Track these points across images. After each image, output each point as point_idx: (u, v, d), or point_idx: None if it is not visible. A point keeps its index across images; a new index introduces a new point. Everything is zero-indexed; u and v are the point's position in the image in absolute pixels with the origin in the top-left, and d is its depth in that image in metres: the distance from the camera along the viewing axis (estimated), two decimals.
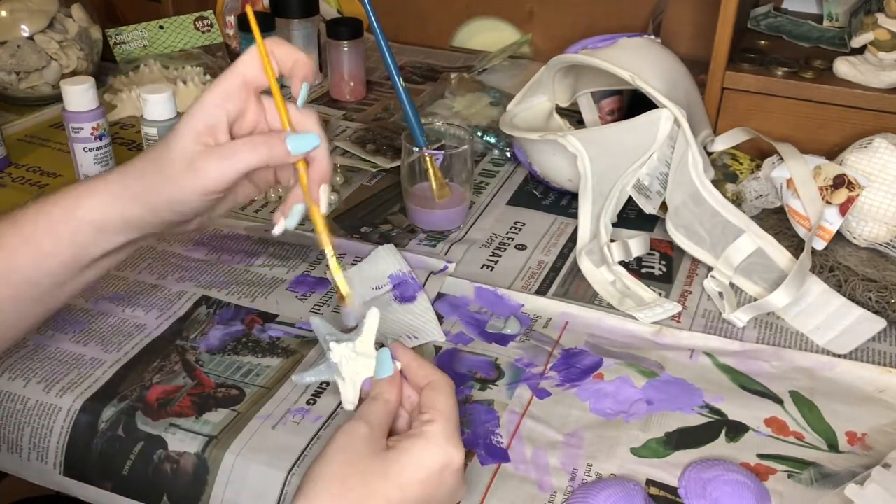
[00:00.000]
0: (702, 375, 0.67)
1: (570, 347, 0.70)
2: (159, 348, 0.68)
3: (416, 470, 0.48)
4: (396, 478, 0.48)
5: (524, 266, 0.81)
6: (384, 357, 0.55)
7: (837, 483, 0.57)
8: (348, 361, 0.56)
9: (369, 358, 0.56)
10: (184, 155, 0.56)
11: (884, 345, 0.71)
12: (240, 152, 0.56)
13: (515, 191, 0.94)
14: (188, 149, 0.56)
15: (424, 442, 0.49)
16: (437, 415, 0.51)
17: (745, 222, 0.77)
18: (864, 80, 0.89)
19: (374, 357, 0.56)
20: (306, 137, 0.58)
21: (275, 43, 0.58)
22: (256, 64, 0.57)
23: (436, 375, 0.54)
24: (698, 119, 0.87)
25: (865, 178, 0.75)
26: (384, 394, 0.54)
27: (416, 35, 1.38)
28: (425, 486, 0.48)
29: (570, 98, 0.94)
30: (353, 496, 0.47)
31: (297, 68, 0.59)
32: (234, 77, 0.57)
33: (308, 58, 0.59)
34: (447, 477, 0.49)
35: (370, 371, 0.56)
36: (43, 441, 0.62)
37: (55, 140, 1.03)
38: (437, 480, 0.49)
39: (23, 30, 1.07)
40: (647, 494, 0.55)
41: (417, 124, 0.84)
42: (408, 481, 0.48)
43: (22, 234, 0.56)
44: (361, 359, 0.56)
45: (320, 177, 0.59)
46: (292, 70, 0.59)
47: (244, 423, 0.61)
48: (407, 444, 0.49)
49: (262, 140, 0.57)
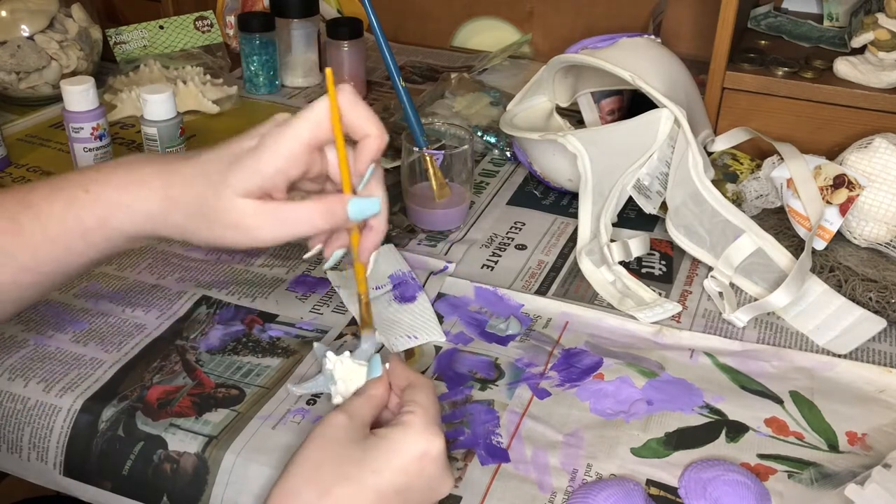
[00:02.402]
0: (702, 375, 0.67)
1: (571, 347, 0.70)
2: (159, 348, 0.68)
3: (393, 456, 0.49)
4: (372, 463, 0.48)
5: (524, 266, 0.80)
6: (375, 362, 0.56)
7: (837, 483, 0.57)
8: (342, 365, 0.57)
9: (362, 366, 0.57)
10: (233, 213, 0.52)
11: (884, 345, 0.71)
12: (297, 219, 0.53)
13: (515, 191, 0.94)
14: (238, 207, 0.52)
15: (402, 430, 0.50)
16: (416, 406, 0.51)
17: (745, 222, 0.77)
18: (865, 80, 0.89)
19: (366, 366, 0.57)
20: (368, 203, 0.54)
21: (349, 102, 0.53)
22: (325, 123, 0.53)
23: (415, 377, 0.54)
24: (698, 119, 0.87)
25: (865, 178, 0.75)
26: (369, 389, 0.54)
27: (416, 35, 1.38)
28: (403, 473, 0.48)
29: (570, 98, 0.94)
30: (326, 479, 0.47)
31: (368, 142, 0.54)
32: (300, 141, 0.52)
33: (382, 132, 0.54)
34: (426, 464, 0.49)
35: (363, 379, 0.56)
36: (43, 441, 0.62)
37: (55, 140, 1.03)
38: (416, 468, 0.49)
39: (23, 30, 1.07)
40: (647, 494, 0.55)
41: (417, 124, 0.84)
42: (384, 467, 0.48)
43: (47, 233, 0.54)
44: (355, 366, 0.57)
45: (373, 244, 0.57)
46: (362, 143, 0.54)
47: (244, 423, 0.61)
48: (386, 432, 0.50)
49: (323, 208, 0.53)
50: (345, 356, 0.58)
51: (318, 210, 0.53)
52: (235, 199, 0.52)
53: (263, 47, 1.14)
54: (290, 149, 0.52)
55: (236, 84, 1.14)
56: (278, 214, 0.53)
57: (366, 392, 0.54)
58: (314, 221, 0.54)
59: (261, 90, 1.17)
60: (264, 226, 0.53)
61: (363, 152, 0.54)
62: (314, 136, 0.53)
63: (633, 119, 0.80)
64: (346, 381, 0.57)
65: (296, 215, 0.53)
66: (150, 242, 0.57)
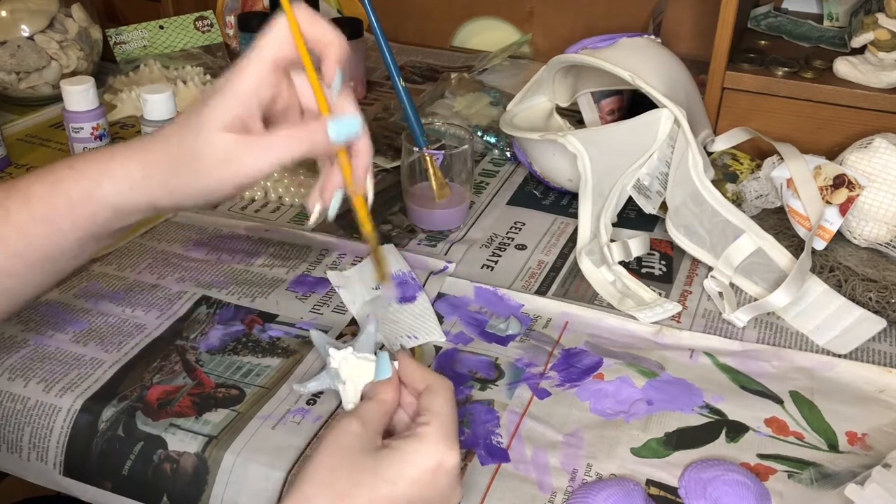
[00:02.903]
0: (702, 375, 0.67)
1: (571, 347, 0.70)
2: (159, 348, 0.68)
3: (408, 468, 0.48)
4: (385, 472, 0.48)
5: (524, 266, 0.80)
6: (383, 360, 0.55)
7: (837, 483, 0.57)
8: (347, 364, 0.56)
9: (369, 362, 0.56)
10: (215, 147, 0.52)
11: (884, 345, 0.71)
12: (279, 145, 0.53)
13: (515, 191, 0.94)
14: (220, 141, 0.52)
15: (417, 441, 0.49)
16: (433, 416, 0.50)
17: (745, 222, 0.77)
18: (865, 80, 0.89)
19: (374, 361, 0.56)
20: (347, 121, 0.54)
21: (306, 18, 0.53)
22: (286, 42, 0.53)
23: (433, 379, 0.53)
24: (698, 119, 0.87)
25: (865, 178, 0.75)
26: (380, 394, 0.54)
27: (416, 35, 1.38)
28: (417, 484, 0.48)
29: (570, 98, 0.94)
30: (339, 487, 0.47)
31: (330, 49, 0.54)
32: (264, 61, 0.53)
33: (342, 39, 0.54)
34: (440, 477, 0.49)
35: (370, 375, 0.56)
36: (43, 441, 0.62)
37: (55, 140, 1.03)
38: (430, 479, 0.48)
39: (23, 30, 1.07)
40: (647, 494, 0.55)
41: (417, 124, 0.84)
42: (398, 478, 0.48)
43: (35, 215, 0.54)
44: (361, 362, 0.56)
45: (364, 168, 0.56)
46: (324, 51, 0.54)
47: (244, 423, 0.61)
48: (400, 443, 0.49)
49: (302, 132, 0.53)
50: (348, 352, 0.57)
51: (298, 134, 0.53)
52: (216, 134, 0.52)
53: None
54: (258, 70, 0.52)
55: None
56: (260, 142, 0.53)
57: (377, 396, 0.53)
58: (297, 146, 0.53)
59: None
60: (248, 155, 0.52)
61: (328, 60, 0.54)
62: (279, 55, 0.53)
63: (633, 119, 0.80)
64: (355, 381, 0.56)
65: (277, 140, 0.53)
66: (141, 215, 0.56)
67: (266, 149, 0.53)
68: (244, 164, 0.52)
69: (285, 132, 0.53)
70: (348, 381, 0.56)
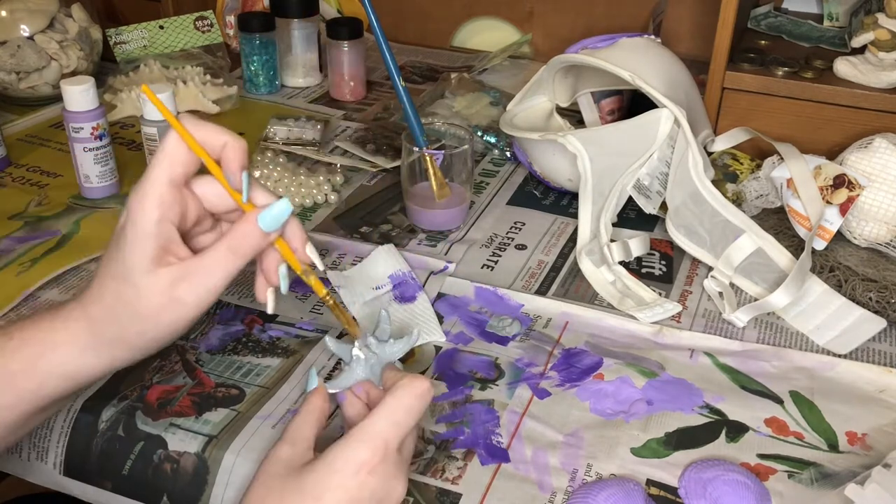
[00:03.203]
0: (702, 375, 0.67)
1: (571, 347, 0.70)
2: None
3: (331, 476, 0.47)
4: (312, 490, 0.47)
5: (524, 266, 0.80)
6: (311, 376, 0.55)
7: (837, 483, 0.57)
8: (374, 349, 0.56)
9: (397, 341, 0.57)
10: (154, 289, 0.49)
11: (884, 345, 0.71)
12: (216, 266, 0.50)
13: (515, 191, 0.94)
14: (154, 284, 0.49)
15: (338, 447, 0.48)
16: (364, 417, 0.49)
17: (745, 222, 0.77)
18: (865, 80, 0.89)
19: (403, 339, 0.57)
20: (276, 208, 0.51)
21: (194, 125, 0.50)
22: (178, 158, 0.50)
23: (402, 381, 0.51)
24: (698, 119, 0.87)
25: (865, 178, 0.75)
26: (306, 405, 0.53)
27: (416, 35, 1.38)
28: (341, 489, 0.47)
29: (570, 98, 0.94)
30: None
31: (228, 152, 0.51)
32: (161, 184, 0.49)
33: (234, 136, 0.51)
34: (365, 478, 0.47)
35: (401, 352, 0.56)
36: (43, 441, 0.62)
37: (55, 140, 1.03)
38: (356, 483, 0.47)
39: (23, 30, 1.07)
40: (647, 494, 0.55)
41: (417, 124, 0.84)
42: (322, 490, 0.47)
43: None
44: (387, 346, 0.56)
45: (301, 241, 0.53)
46: (224, 154, 0.51)
47: (244, 422, 0.61)
48: (326, 452, 0.48)
49: (234, 239, 0.50)
50: (371, 342, 0.56)
51: (231, 243, 0.50)
52: (147, 277, 0.49)
53: (263, 47, 1.14)
54: (158, 196, 0.49)
55: (236, 84, 1.14)
56: (197, 274, 0.50)
57: (304, 408, 0.53)
58: (235, 256, 0.50)
59: (261, 90, 1.17)
60: (189, 293, 0.49)
61: (229, 162, 0.51)
62: (173, 174, 0.50)
63: (633, 119, 0.80)
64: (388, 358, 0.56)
65: (213, 261, 0.50)
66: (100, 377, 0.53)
67: (205, 276, 0.50)
68: (186, 301, 0.50)
69: (216, 249, 0.51)
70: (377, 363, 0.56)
